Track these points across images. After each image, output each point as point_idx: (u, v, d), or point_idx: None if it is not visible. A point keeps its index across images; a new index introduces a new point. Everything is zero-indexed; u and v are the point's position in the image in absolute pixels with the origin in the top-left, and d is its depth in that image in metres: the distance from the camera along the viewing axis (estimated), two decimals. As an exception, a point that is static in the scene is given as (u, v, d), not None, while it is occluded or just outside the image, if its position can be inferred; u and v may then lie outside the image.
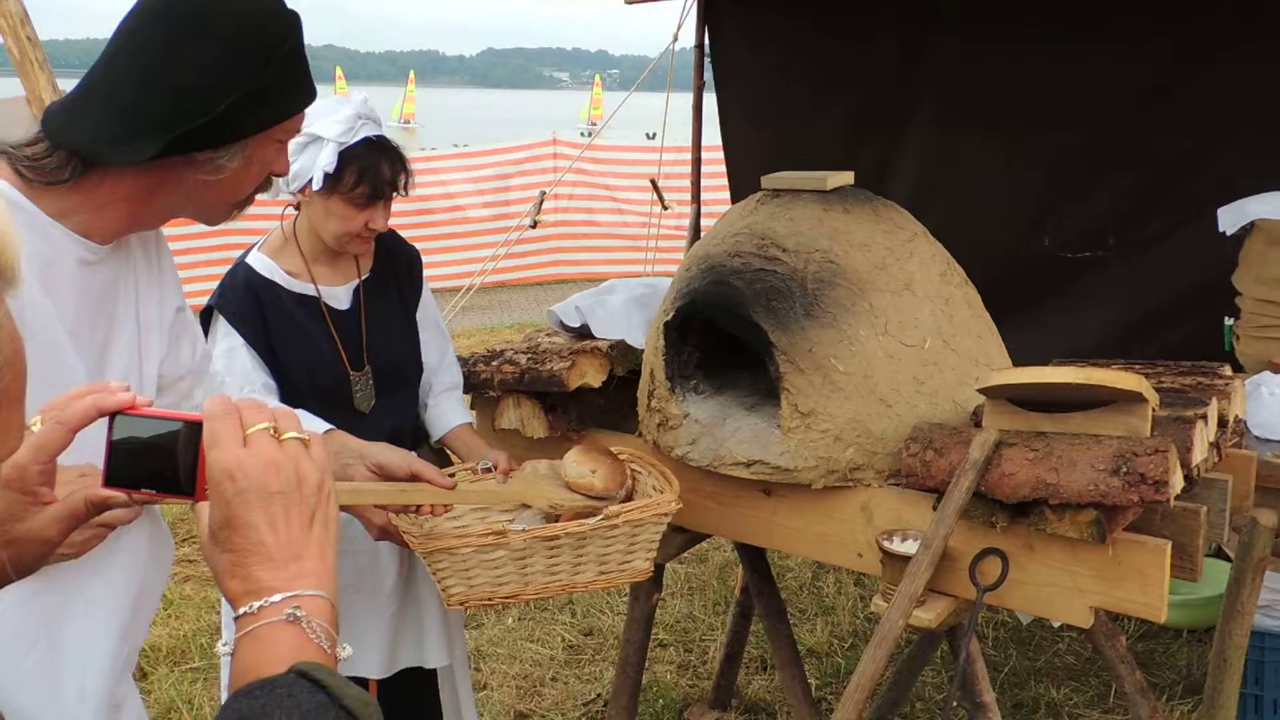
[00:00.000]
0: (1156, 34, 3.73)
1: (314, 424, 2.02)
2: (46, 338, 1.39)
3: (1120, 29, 3.80)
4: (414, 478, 1.98)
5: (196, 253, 8.73)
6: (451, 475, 2.41)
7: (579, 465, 2.19)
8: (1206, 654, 2.80)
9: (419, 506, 2.03)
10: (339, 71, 28.63)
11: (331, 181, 2.22)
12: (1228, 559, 2.79)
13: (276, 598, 0.90)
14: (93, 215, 1.44)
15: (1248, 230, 3.39)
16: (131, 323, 1.56)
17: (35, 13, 3.05)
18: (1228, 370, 2.41)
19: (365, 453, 2.02)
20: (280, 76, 1.46)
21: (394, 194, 2.32)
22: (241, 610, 0.89)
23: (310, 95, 1.53)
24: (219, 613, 4.14)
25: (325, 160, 2.20)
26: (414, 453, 2.50)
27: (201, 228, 2.08)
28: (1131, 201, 3.97)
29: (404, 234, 2.63)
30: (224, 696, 2.62)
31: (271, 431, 0.94)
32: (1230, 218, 3.39)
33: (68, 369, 1.42)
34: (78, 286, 1.44)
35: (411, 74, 32.82)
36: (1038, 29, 3.97)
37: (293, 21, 1.49)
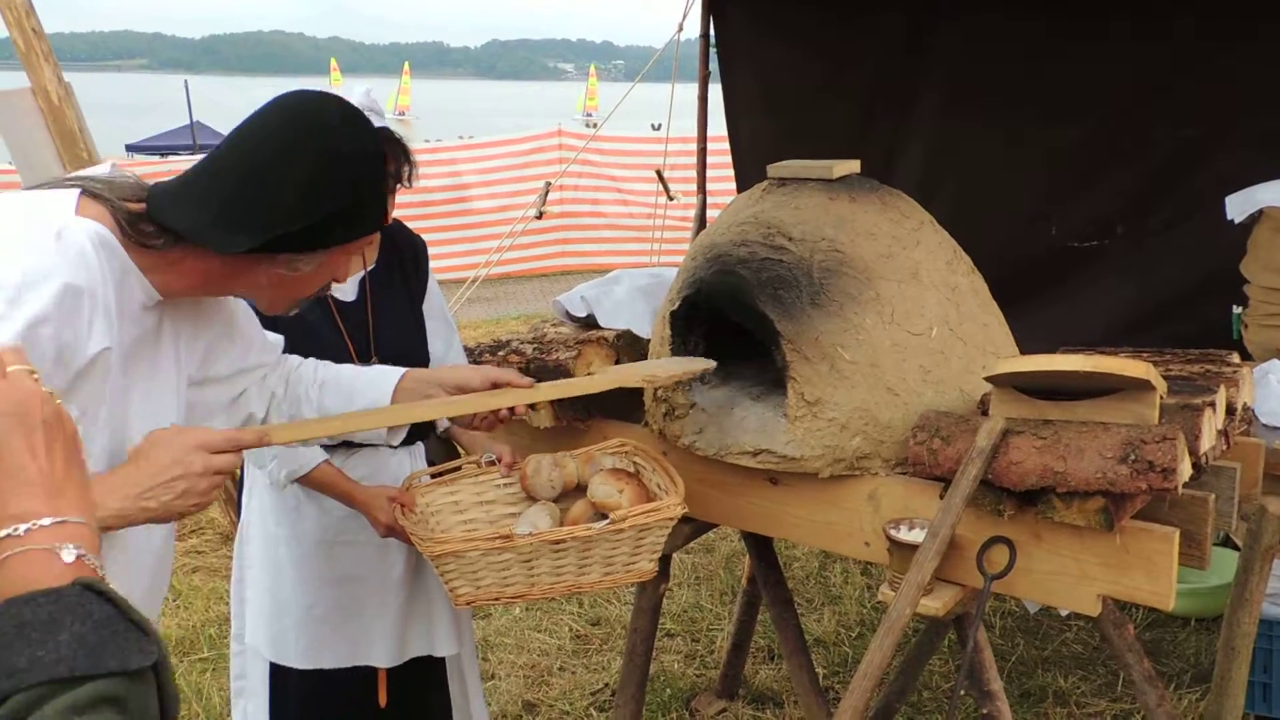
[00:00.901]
0: (1164, 21, 3.71)
1: (390, 370, 2.06)
2: (115, 364, 1.53)
3: (1127, 17, 3.78)
4: (494, 386, 2.04)
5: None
6: (457, 469, 2.42)
7: (605, 485, 2.23)
8: (1215, 642, 2.80)
9: (510, 410, 2.05)
10: (334, 63, 28.48)
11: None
12: (1236, 547, 2.79)
13: (46, 521, 0.92)
14: (168, 277, 1.57)
15: (1256, 218, 3.38)
16: (167, 355, 1.69)
17: (40, 6, 3.06)
18: (1236, 358, 2.40)
19: (441, 378, 2.06)
20: (365, 201, 1.63)
21: (398, 185, 2.32)
22: (5, 532, 0.91)
23: (385, 218, 1.72)
24: (227, 604, 4.17)
25: None
26: (420, 445, 2.51)
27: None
28: (1139, 190, 3.96)
29: (409, 225, 2.63)
30: (234, 686, 2.63)
31: (31, 373, 0.98)
32: (1238, 205, 3.38)
33: (114, 389, 1.55)
34: (137, 326, 1.58)
35: (406, 65, 32.74)
36: (1044, 16, 3.96)
37: (381, 151, 1.68)
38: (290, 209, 1.54)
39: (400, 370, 2.07)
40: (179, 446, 1.55)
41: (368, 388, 2.03)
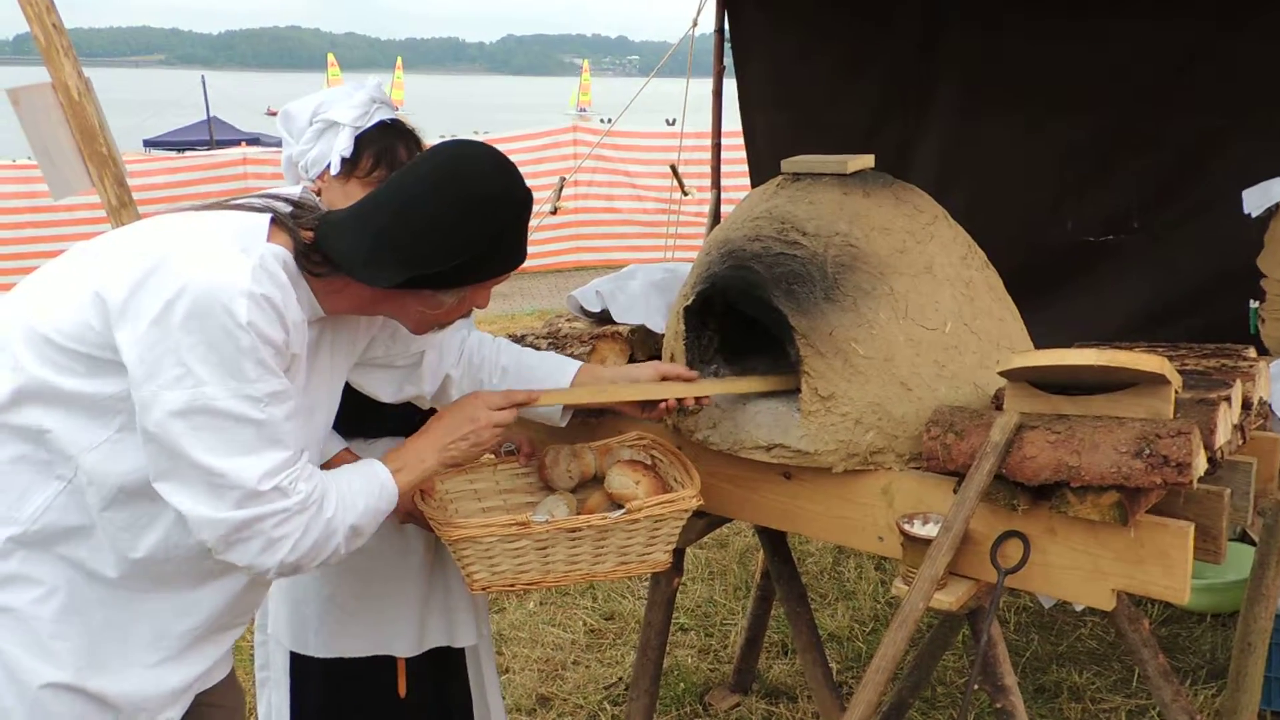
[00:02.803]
0: (1180, 15, 3.70)
1: (568, 364, 2.31)
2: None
3: (1143, 10, 3.77)
4: (663, 378, 2.30)
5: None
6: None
7: (622, 476, 2.25)
8: (1231, 638, 2.79)
9: (676, 401, 2.28)
10: (331, 59, 28.46)
11: (349, 166, 2.23)
12: (1252, 542, 2.78)
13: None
14: (331, 298, 1.77)
15: (1273, 212, 3.36)
16: (326, 358, 1.89)
17: (60, 1, 3.08)
18: (1252, 352, 2.39)
19: (613, 374, 2.34)
20: (505, 245, 1.76)
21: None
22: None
23: (523, 257, 1.82)
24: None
25: (342, 145, 2.21)
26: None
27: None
28: (1155, 184, 3.94)
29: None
30: (258, 677, 2.66)
31: None
32: (1255, 199, 3.36)
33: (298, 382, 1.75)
34: (303, 336, 1.74)
35: (399, 60, 32.70)
36: (1060, 10, 3.94)
37: (524, 199, 1.78)
38: (432, 251, 1.69)
39: (576, 364, 2.32)
40: (468, 406, 2.02)
41: (545, 381, 2.27)
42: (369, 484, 1.81)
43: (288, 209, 1.75)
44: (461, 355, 2.25)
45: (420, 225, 1.68)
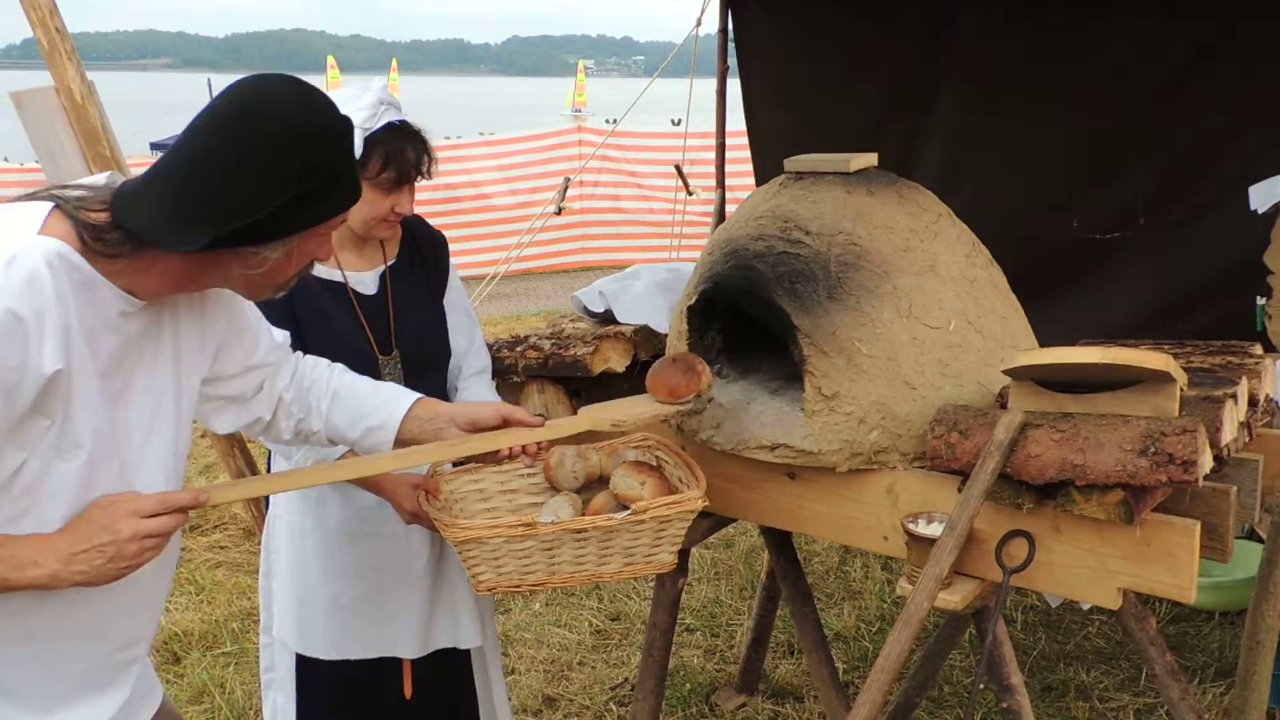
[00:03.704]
0: (1186, 13, 3.68)
1: (404, 395, 2.08)
2: (83, 381, 1.52)
3: (1147, 6, 3.75)
4: (505, 423, 2.08)
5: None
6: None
7: (628, 478, 2.24)
8: (1239, 636, 2.78)
9: (520, 448, 2.09)
10: (331, 61, 28.40)
11: (357, 168, 2.23)
12: (1260, 540, 2.77)
13: None
14: (140, 279, 1.56)
15: (1279, 208, 3.34)
16: (166, 356, 1.68)
17: (65, 6, 3.09)
18: (1258, 349, 2.38)
19: (454, 414, 2.08)
20: (325, 182, 1.55)
21: (418, 177, 2.33)
22: None
23: (354, 196, 1.62)
24: (249, 598, 4.20)
25: None
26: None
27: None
28: (1161, 181, 3.92)
29: (430, 222, 2.64)
30: (264, 679, 2.66)
31: None
32: (1261, 195, 3.35)
33: (92, 404, 1.54)
34: (117, 334, 1.56)
35: (394, 61, 32.68)
36: (1064, 9, 3.93)
37: (340, 129, 1.58)
38: (238, 201, 1.49)
39: (413, 396, 2.07)
40: (109, 513, 1.58)
41: (375, 411, 2.03)
42: None
43: (78, 194, 1.55)
44: (294, 376, 2.04)
45: (220, 173, 1.48)
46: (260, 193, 1.49)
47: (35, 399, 1.46)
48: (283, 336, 2.02)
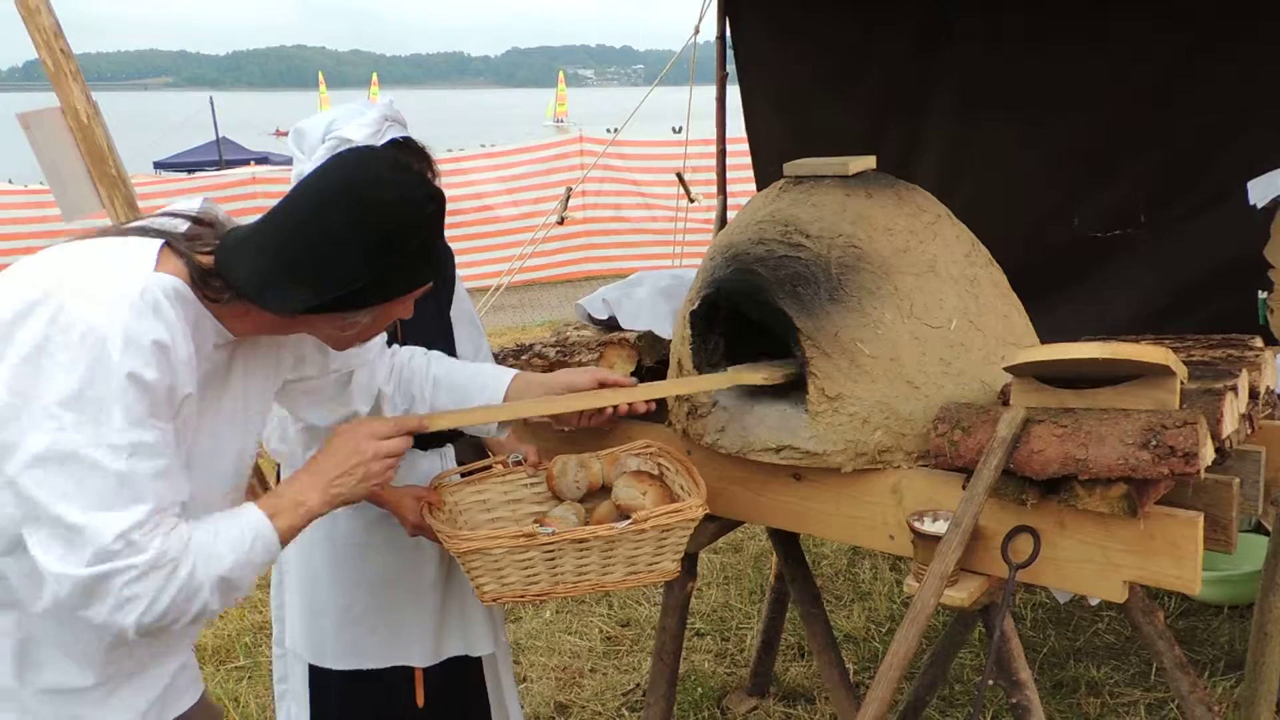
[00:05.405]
0: (1182, 10, 3.70)
1: (501, 373, 2.25)
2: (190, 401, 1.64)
3: (1144, 6, 3.77)
4: (601, 386, 2.26)
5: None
6: (485, 469, 2.46)
7: (629, 487, 2.26)
8: (1248, 629, 2.78)
9: (614, 408, 2.28)
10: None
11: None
12: (1267, 534, 2.77)
13: None
14: (234, 322, 1.66)
15: (1279, 202, 3.35)
16: (239, 373, 1.78)
17: (66, 26, 3.12)
18: (1258, 342, 2.39)
19: (550, 382, 2.25)
20: (419, 254, 1.65)
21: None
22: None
23: (434, 270, 1.72)
24: (261, 613, 4.22)
25: None
26: (450, 448, 2.55)
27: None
28: (1161, 178, 3.93)
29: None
30: (277, 690, 2.69)
31: None
32: (1260, 190, 3.36)
33: (192, 420, 1.65)
34: (209, 362, 1.68)
35: (374, 76, 32.83)
36: (1060, 10, 3.95)
37: (431, 210, 1.66)
38: (337, 272, 1.58)
39: (511, 372, 2.24)
40: (351, 437, 1.82)
41: (480, 391, 2.20)
42: (240, 535, 1.65)
43: (184, 228, 1.65)
44: (392, 370, 2.17)
45: (318, 246, 1.58)
46: (359, 265, 1.58)
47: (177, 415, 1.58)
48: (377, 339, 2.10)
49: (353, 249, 1.58)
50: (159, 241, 1.61)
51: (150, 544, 1.52)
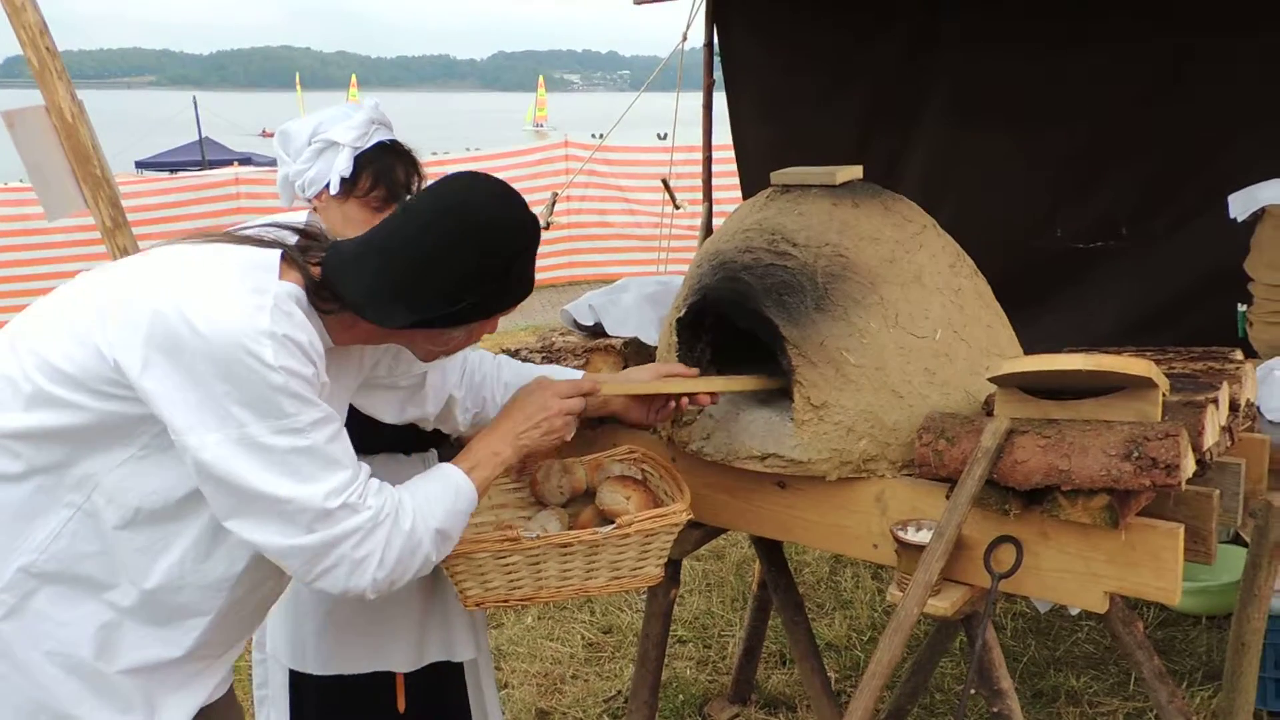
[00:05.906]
0: (1164, 24, 3.73)
1: (565, 375, 2.29)
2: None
3: (1128, 19, 3.80)
4: (666, 377, 2.34)
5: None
6: None
7: (613, 492, 2.26)
8: (1226, 640, 2.80)
9: (679, 399, 2.31)
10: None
11: (348, 186, 2.25)
12: (1244, 545, 2.80)
13: None
14: (338, 333, 1.76)
15: (1259, 216, 3.39)
16: (331, 381, 1.84)
17: (53, 24, 3.10)
18: (1239, 355, 2.42)
19: (617, 380, 2.35)
20: (516, 276, 1.74)
21: (407, 196, 2.35)
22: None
23: (529, 289, 1.80)
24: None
25: (341, 165, 2.23)
26: (434, 453, 2.54)
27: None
28: (1143, 191, 3.97)
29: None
30: (256, 695, 2.67)
31: None
32: (1240, 204, 3.39)
33: None
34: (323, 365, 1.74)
35: (353, 78, 32.77)
36: (1045, 22, 3.98)
37: (530, 234, 1.75)
38: (440, 291, 1.67)
39: (577, 374, 2.32)
40: (539, 397, 2.03)
41: None
42: (444, 488, 1.81)
43: (295, 240, 1.74)
44: (464, 374, 2.24)
45: (424, 264, 1.66)
46: (462, 285, 1.67)
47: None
48: None
49: (457, 269, 1.66)
50: (277, 251, 1.69)
51: (365, 504, 1.64)
